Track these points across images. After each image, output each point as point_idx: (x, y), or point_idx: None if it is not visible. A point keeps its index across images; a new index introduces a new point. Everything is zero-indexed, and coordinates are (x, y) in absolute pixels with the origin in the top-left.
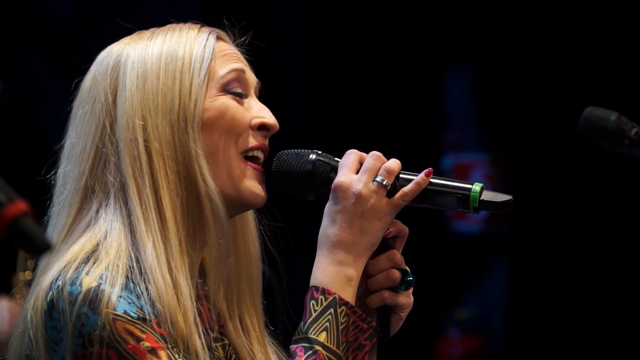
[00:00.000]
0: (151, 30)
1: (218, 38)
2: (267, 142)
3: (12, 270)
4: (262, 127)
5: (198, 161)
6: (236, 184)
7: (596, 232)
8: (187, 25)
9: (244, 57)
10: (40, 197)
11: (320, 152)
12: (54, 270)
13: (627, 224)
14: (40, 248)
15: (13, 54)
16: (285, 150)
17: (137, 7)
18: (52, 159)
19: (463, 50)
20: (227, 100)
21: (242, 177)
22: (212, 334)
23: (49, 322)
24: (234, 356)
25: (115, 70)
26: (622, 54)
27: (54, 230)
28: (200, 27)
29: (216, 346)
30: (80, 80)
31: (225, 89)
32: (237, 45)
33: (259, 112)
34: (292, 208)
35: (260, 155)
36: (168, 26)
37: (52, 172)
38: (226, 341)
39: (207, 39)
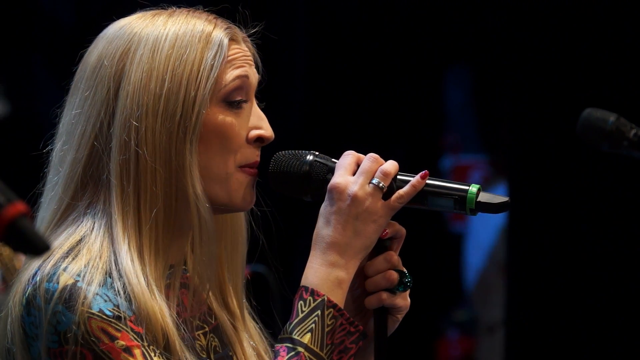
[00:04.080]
0: (167, 13)
1: (230, 39)
2: (259, 152)
3: None
4: (258, 139)
5: (191, 173)
6: (229, 194)
7: (596, 233)
8: (204, 18)
9: (253, 44)
10: (40, 197)
11: (317, 153)
12: (34, 264)
13: (627, 225)
14: (39, 249)
15: (13, 54)
16: (283, 151)
17: (137, 9)
18: (51, 131)
19: (462, 51)
20: (226, 118)
21: (238, 189)
22: (193, 322)
23: (27, 318)
24: (214, 343)
25: (122, 58)
26: (622, 54)
27: (44, 215)
28: (216, 23)
29: (198, 334)
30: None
31: (227, 100)
32: (248, 36)
33: (256, 122)
34: (292, 208)
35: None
36: (184, 16)
37: (49, 143)
38: (207, 328)
39: (219, 45)
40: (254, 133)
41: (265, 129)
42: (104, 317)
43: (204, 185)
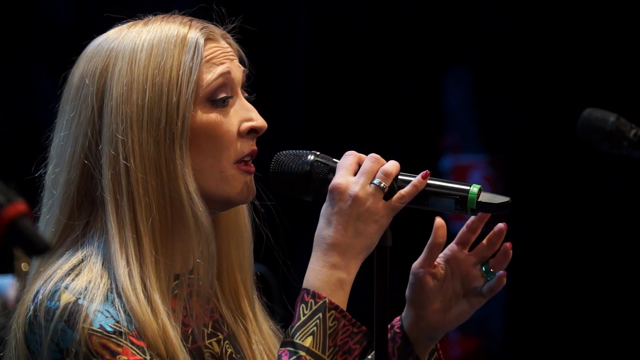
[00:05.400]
0: (142, 23)
1: (206, 38)
2: (255, 143)
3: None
4: (252, 131)
5: (184, 178)
6: (227, 192)
7: (595, 233)
8: (178, 22)
9: (234, 39)
10: (39, 197)
11: (318, 152)
12: (37, 285)
13: (627, 225)
14: (39, 249)
15: (13, 54)
16: (284, 151)
17: (137, 9)
18: (43, 153)
19: (462, 51)
20: (212, 117)
21: (234, 184)
22: (206, 330)
23: (30, 337)
24: (230, 350)
25: (103, 75)
26: (622, 54)
27: None
28: (190, 25)
29: (210, 342)
30: (68, 73)
31: (211, 99)
32: (227, 31)
33: (246, 115)
34: (293, 208)
35: (248, 159)
36: (159, 22)
37: (41, 167)
38: (220, 336)
39: (195, 46)
40: (246, 125)
41: (256, 119)
42: (105, 333)
43: (199, 186)
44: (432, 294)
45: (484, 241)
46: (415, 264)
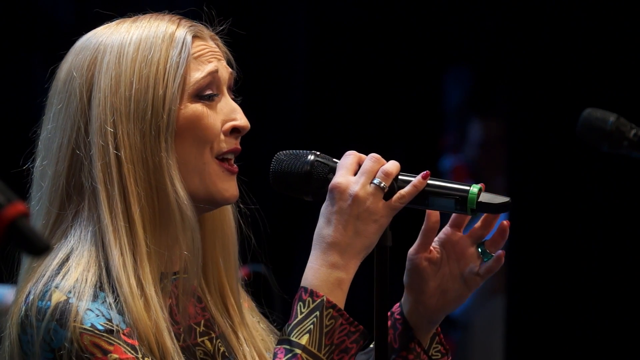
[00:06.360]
0: (131, 20)
1: (194, 36)
2: (239, 142)
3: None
4: (234, 130)
5: (169, 171)
6: (209, 188)
7: (596, 233)
8: (166, 19)
9: (223, 42)
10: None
11: (318, 152)
12: (29, 284)
13: (628, 226)
14: (39, 250)
15: (13, 54)
16: (284, 151)
17: (137, 9)
18: (30, 146)
19: (461, 51)
20: (198, 109)
21: (215, 181)
22: (198, 329)
23: (23, 337)
24: (222, 348)
25: (91, 68)
26: (622, 54)
27: None
28: (179, 22)
29: (203, 340)
30: (56, 67)
31: (198, 94)
32: (216, 33)
33: (230, 114)
34: (293, 207)
35: (232, 157)
36: (147, 20)
37: (29, 161)
38: (213, 334)
39: (183, 42)
40: (229, 124)
41: (240, 119)
42: (96, 331)
43: (183, 181)
44: (429, 279)
45: (479, 222)
46: (411, 250)
